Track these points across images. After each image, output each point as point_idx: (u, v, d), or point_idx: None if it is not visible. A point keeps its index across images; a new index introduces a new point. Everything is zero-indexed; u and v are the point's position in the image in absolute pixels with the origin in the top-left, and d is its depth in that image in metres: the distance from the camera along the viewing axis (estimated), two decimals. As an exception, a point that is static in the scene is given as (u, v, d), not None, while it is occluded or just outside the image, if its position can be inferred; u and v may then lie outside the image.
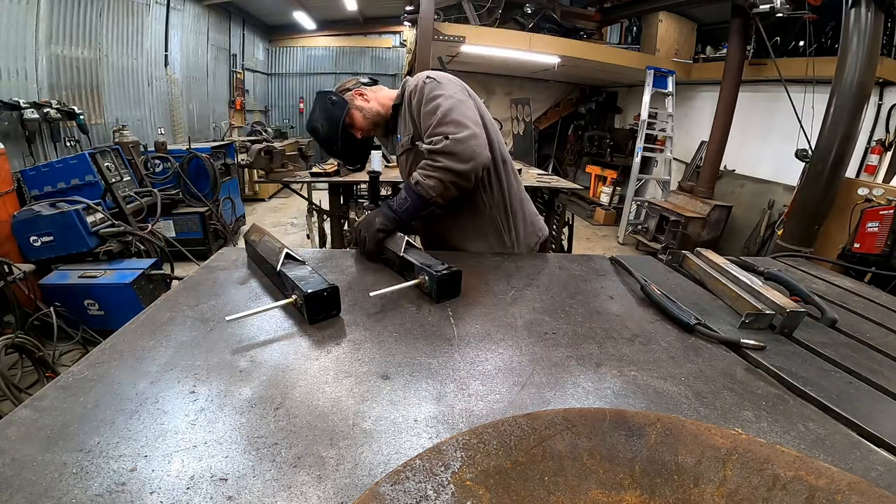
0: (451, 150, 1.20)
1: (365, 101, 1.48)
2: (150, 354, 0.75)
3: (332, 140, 1.47)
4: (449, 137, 1.21)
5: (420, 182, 1.24)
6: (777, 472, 0.46)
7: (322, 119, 1.47)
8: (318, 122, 1.48)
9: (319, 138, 1.50)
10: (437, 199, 1.25)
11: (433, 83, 1.32)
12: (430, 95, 1.30)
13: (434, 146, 1.22)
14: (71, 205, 3.23)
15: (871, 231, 3.27)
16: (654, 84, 6.12)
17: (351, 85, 1.52)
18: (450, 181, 1.23)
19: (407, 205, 1.25)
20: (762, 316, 0.93)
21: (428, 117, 1.28)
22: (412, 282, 1.02)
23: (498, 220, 1.47)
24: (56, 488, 0.48)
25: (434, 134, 1.24)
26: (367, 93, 1.50)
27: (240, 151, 6.47)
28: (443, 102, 1.26)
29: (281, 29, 10.58)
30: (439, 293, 0.99)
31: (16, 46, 3.80)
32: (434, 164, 1.23)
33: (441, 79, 1.35)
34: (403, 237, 1.17)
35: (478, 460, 0.47)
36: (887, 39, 4.12)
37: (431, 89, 1.31)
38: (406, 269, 1.11)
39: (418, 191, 1.24)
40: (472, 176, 1.24)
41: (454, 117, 1.24)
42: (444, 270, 1.00)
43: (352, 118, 1.47)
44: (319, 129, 1.48)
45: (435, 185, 1.23)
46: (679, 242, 5.28)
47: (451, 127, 1.22)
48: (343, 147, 1.50)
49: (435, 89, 1.30)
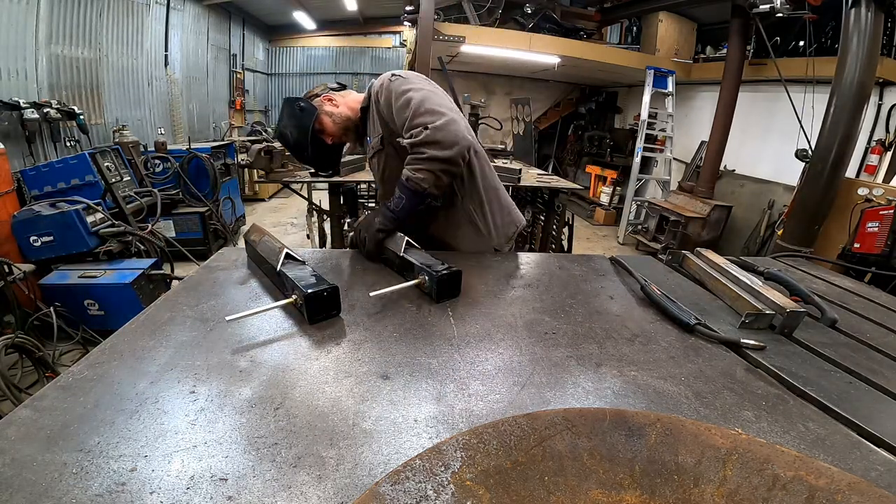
0: (433, 138, 1.20)
1: (334, 107, 1.48)
2: (150, 354, 0.75)
3: (303, 147, 1.47)
4: (428, 127, 1.21)
5: (411, 177, 1.24)
6: (777, 472, 0.46)
7: (291, 126, 1.46)
8: (286, 128, 1.47)
9: (289, 144, 1.50)
10: (430, 190, 1.25)
11: (399, 80, 1.33)
12: (398, 91, 1.29)
13: (416, 138, 1.22)
14: (71, 205, 3.23)
15: (871, 231, 3.27)
16: (654, 84, 6.12)
17: (319, 90, 1.53)
18: (439, 170, 1.23)
19: (403, 203, 1.25)
20: (762, 316, 0.93)
21: (402, 111, 1.27)
22: (412, 282, 1.02)
23: (472, 210, 1.46)
24: (56, 488, 0.48)
25: (413, 126, 1.24)
26: (335, 98, 1.50)
27: (240, 151, 6.47)
28: (414, 95, 1.26)
29: (281, 29, 10.58)
30: (439, 293, 0.99)
31: (16, 46, 3.80)
32: (420, 157, 1.23)
33: (406, 75, 1.36)
34: (403, 237, 1.17)
35: (478, 460, 0.47)
36: (887, 39, 4.12)
37: (399, 85, 1.30)
38: (406, 269, 1.11)
39: (411, 186, 1.24)
40: (459, 160, 1.25)
41: (428, 107, 1.23)
42: (444, 270, 1.00)
43: (321, 124, 1.47)
44: (289, 135, 1.47)
45: (426, 178, 1.23)
46: (679, 242, 5.28)
47: (428, 116, 1.22)
48: (313, 153, 1.50)
49: (402, 84, 1.30)
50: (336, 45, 11.05)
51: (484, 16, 6.00)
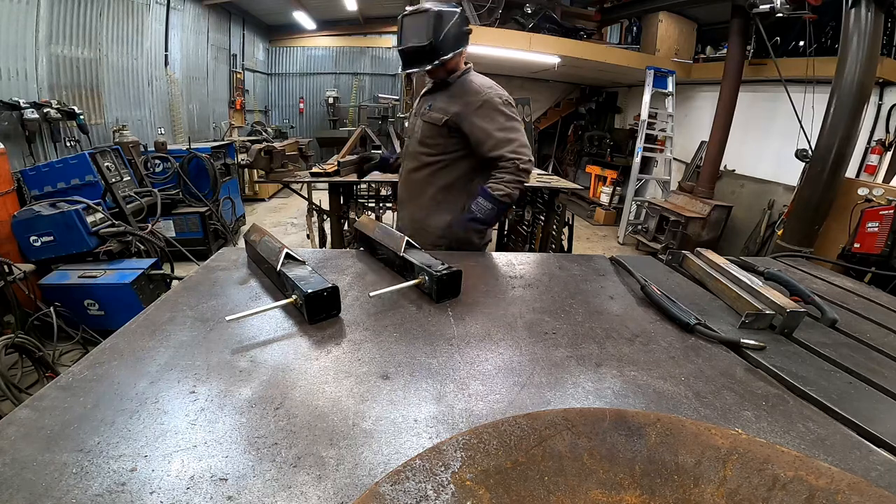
0: (528, 168, 1.63)
1: (460, 58, 1.70)
2: (150, 354, 0.75)
3: (434, 54, 1.57)
4: (527, 160, 1.62)
5: (509, 193, 1.61)
6: (777, 472, 0.46)
7: (445, 37, 1.56)
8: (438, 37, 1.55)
9: (424, 47, 1.56)
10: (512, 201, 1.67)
11: (508, 105, 1.65)
12: (507, 113, 1.63)
13: (521, 164, 1.60)
14: (71, 205, 3.23)
15: (871, 231, 3.27)
16: (654, 84, 6.12)
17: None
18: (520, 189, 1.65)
19: (495, 213, 1.64)
20: (762, 316, 0.93)
21: (507, 132, 1.62)
22: (412, 282, 1.02)
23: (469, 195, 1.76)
24: (56, 488, 0.48)
25: (517, 152, 1.61)
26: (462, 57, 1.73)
27: (240, 151, 6.46)
28: (518, 127, 1.65)
29: (281, 29, 10.57)
30: (439, 293, 0.99)
31: (16, 46, 3.80)
32: (516, 179, 1.62)
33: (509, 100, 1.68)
34: (403, 237, 1.16)
35: (478, 460, 0.47)
36: (887, 39, 4.11)
37: (507, 109, 1.64)
38: (406, 269, 1.10)
39: (504, 199, 1.61)
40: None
41: (525, 141, 1.65)
42: (444, 270, 1.00)
43: (456, 60, 1.66)
44: (436, 40, 1.55)
45: (515, 193, 1.63)
46: (679, 242, 5.28)
47: (526, 151, 1.63)
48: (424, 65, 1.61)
49: (508, 110, 1.64)
50: (336, 45, 11.04)
51: (484, 16, 5.99)
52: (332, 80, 11.07)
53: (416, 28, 1.58)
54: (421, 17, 1.57)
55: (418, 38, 1.58)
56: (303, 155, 3.99)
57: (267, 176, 3.58)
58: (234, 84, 8.82)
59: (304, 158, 4.01)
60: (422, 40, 1.57)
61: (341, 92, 10.99)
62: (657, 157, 6.66)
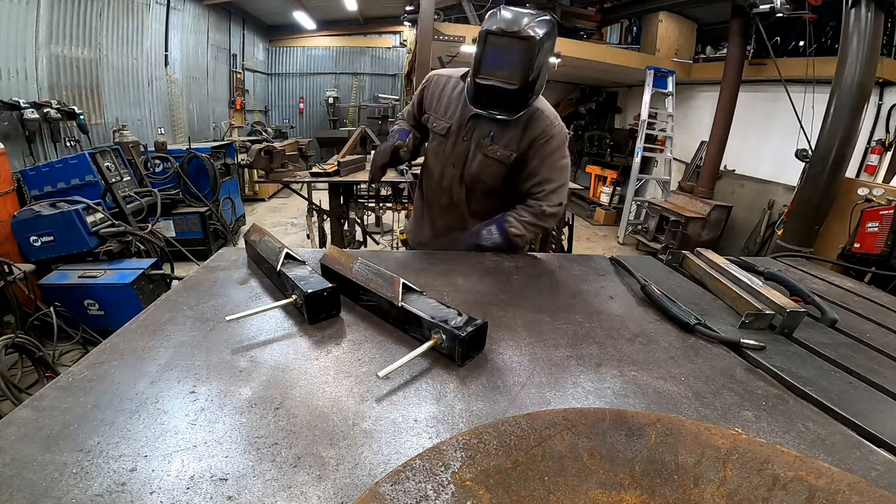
0: (555, 213, 1.47)
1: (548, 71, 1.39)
2: (150, 354, 0.75)
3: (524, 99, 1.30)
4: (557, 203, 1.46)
5: (523, 235, 1.44)
6: (777, 472, 0.46)
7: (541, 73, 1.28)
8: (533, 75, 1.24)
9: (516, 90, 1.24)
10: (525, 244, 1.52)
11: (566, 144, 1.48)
12: (563, 153, 1.46)
13: (548, 209, 1.44)
14: (71, 205, 3.23)
15: (871, 231, 3.27)
16: (654, 84, 6.12)
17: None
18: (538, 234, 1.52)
19: (498, 244, 1.43)
20: (762, 316, 0.93)
21: (553, 172, 1.44)
22: (426, 345, 0.76)
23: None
24: (56, 488, 0.48)
25: (554, 192, 1.45)
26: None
27: (240, 151, 6.47)
28: (567, 165, 1.47)
29: (281, 29, 10.58)
30: (464, 355, 0.76)
31: (16, 46, 3.80)
32: (537, 224, 1.46)
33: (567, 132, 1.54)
34: (399, 280, 0.88)
35: (478, 460, 0.47)
36: (887, 39, 4.12)
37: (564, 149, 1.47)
38: (407, 322, 0.84)
39: (516, 241, 1.44)
40: None
41: (564, 182, 1.48)
42: (471, 329, 0.75)
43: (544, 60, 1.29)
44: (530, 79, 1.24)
45: (530, 237, 1.50)
46: (679, 242, 5.28)
47: (560, 195, 1.47)
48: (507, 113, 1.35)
49: (564, 149, 1.47)
50: (336, 45, 11.05)
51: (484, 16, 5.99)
52: (332, 80, 11.08)
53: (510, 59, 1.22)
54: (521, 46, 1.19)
55: (510, 76, 1.22)
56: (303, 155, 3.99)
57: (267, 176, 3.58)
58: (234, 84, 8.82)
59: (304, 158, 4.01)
60: (514, 80, 1.22)
61: (341, 92, 11.00)
62: (657, 157, 6.66)
